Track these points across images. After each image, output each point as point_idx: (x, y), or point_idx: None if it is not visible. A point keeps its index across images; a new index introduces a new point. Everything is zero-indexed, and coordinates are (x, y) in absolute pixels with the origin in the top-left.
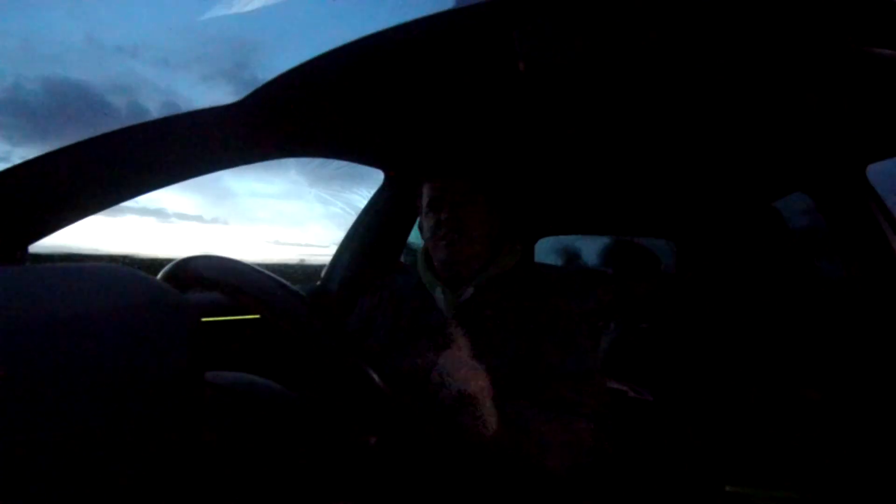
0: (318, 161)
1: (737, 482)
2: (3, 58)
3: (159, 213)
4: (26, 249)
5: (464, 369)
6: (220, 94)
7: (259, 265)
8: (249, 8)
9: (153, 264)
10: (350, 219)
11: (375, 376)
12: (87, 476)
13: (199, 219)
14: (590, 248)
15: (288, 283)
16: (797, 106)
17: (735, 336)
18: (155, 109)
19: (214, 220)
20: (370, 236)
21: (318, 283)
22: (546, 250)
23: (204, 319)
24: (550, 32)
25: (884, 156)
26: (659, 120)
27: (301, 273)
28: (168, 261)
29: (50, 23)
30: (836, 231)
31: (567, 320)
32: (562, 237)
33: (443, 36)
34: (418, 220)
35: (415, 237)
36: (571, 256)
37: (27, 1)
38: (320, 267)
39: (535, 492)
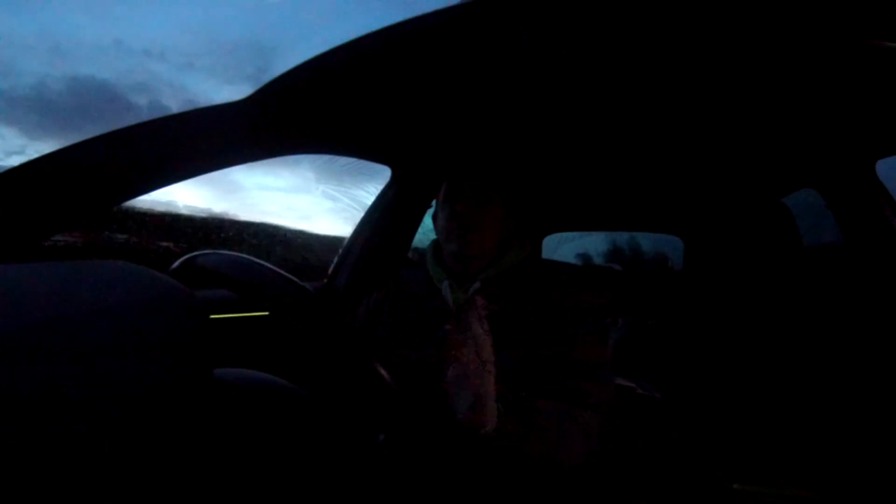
0: (326, 157)
1: (745, 480)
2: (34, 58)
3: (170, 206)
4: (37, 245)
5: (469, 365)
6: (241, 97)
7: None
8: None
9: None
10: (357, 215)
11: (385, 373)
12: (94, 474)
13: (208, 212)
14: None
15: (296, 279)
16: (806, 101)
17: (743, 333)
18: (176, 108)
19: (223, 213)
20: (377, 232)
21: (326, 279)
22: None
23: (212, 316)
24: (558, 27)
25: (893, 151)
26: (667, 115)
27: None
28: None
29: (81, 27)
30: (844, 227)
31: (574, 316)
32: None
33: (450, 31)
34: (425, 216)
35: (420, 236)
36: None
37: (61, 6)
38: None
39: (542, 484)
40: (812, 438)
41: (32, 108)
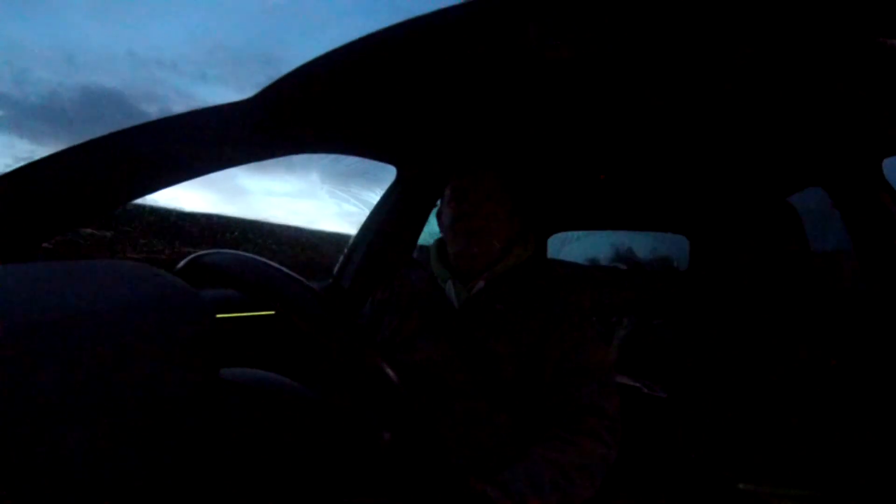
0: (330, 157)
1: (750, 480)
2: (47, 68)
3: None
4: (42, 246)
5: None
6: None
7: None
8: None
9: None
10: (362, 217)
11: (390, 372)
12: (98, 474)
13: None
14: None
15: (302, 279)
16: (812, 99)
17: (749, 333)
18: None
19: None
20: (382, 232)
21: (332, 278)
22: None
23: (218, 316)
24: (565, 25)
25: None
26: (674, 114)
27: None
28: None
29: (94, 36)
30: (851, 225)
31: (578, 316)
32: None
33: (456, 30)
34: (430, 215)
35: (425, 235)
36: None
37: (75, 16)
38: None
39: None
40: (817, 438)
41: (44, 116)
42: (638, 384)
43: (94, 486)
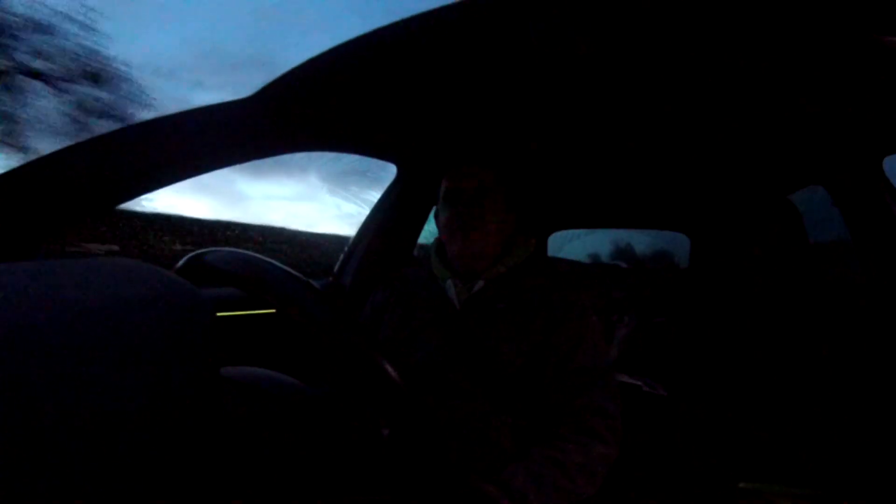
0: (329, 157)
1: (750, 479)
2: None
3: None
4: (42, 245)
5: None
6: None
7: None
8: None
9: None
10: (361, 218)
11: (389, 368)
12: (99, 472)
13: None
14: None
15: (302, 277)
16: (813, 97)
17: (750, 331)
18: None
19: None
20: (383, 230)
21: (332, 277)
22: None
23: (219, 314)
24: (565, 23)
25: None
26: (674, 112)
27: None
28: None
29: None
30: (851, 224)
31: (579, 315)
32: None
33: (456, 27)
34: (431, 214)
35: (426, 234)
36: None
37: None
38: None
39: None
40: (818, 437)
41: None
42: (639, 382)
43: (95, 485)
